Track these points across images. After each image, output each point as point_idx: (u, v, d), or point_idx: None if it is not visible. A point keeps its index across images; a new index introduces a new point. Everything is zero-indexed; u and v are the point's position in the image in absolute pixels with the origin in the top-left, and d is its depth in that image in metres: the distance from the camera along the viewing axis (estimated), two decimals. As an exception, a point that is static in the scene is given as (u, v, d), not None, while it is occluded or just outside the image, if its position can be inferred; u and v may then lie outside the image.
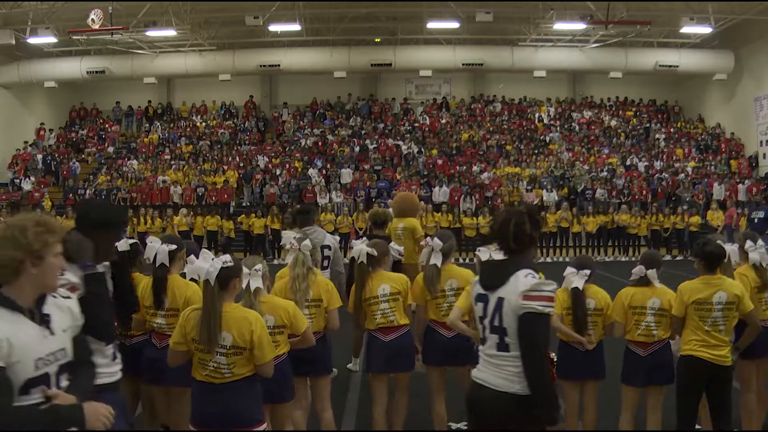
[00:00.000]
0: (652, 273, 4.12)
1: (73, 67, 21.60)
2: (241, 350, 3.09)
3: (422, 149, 22.00)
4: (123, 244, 3.96)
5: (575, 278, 4.23)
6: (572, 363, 4.27)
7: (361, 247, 4.32)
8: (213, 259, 3.13)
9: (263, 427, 3.19)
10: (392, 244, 4.97)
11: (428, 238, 4.45)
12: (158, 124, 24.08)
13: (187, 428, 3.21)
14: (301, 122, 24.17)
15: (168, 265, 3.82)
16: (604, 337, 4.38)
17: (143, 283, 3.96)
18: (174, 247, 3.85)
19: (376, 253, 4.31)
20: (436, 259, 4.29)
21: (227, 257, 3.15)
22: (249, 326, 3.09)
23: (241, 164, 21.17)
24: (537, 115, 24.43)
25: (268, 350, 3.14)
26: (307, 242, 4.06)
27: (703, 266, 3.82)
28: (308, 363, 4.04)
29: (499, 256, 3.97)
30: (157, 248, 3.82)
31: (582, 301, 4.21)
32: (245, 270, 3.54)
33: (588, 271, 4.24)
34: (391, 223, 6.38)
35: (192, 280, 3.75)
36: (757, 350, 4.14)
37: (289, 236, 4.21)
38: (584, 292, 4.22)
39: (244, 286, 3.52)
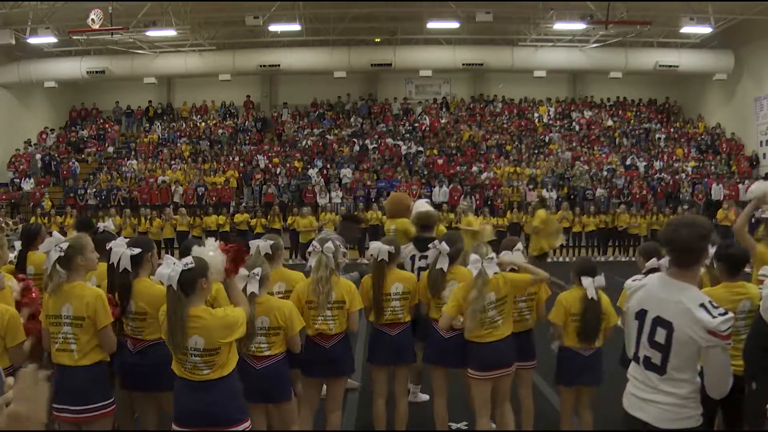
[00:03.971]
0: (664, 262, 4.12)
1: (73, 67, 21.58)
2: (216, 350, 3.08)
3: (422, 149, 22.01)
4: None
5: (590, 288, 4.17)
6: (573, 370, 4.27)
7: (380, 246, 4.34)
8: (174, 263, 3.09)
9: (244, 426, 3.17)
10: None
11: (436, 242, 4.46)
12: (158, 124, 24.07)
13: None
14: (301, 122, 24.17)
15: (130, 270, 3.71)
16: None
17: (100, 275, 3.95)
18: (138, 251, 3.74)
19: (394, 251, 4.36)
20: (443, 263, 4.30)
21: (188, 259, 3.10)
22: (220, 333, 3.08)
23: (241, 164, 21.17)
24: (537, 115, 24.43)
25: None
26: (329, 244, 4.07)
27: (725, 270, 3.63)
28: (327, 363, 4.08)
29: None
30: (120, 253, 3.71)
31: (597, 311, 4.18)
32: (243, 272, 3.52)
33: (602, 278, 4.21)
34: (385, 224, 6.45)
35: None
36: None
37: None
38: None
39: (241, 288, 3.51)
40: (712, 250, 3.69)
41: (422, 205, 5.67)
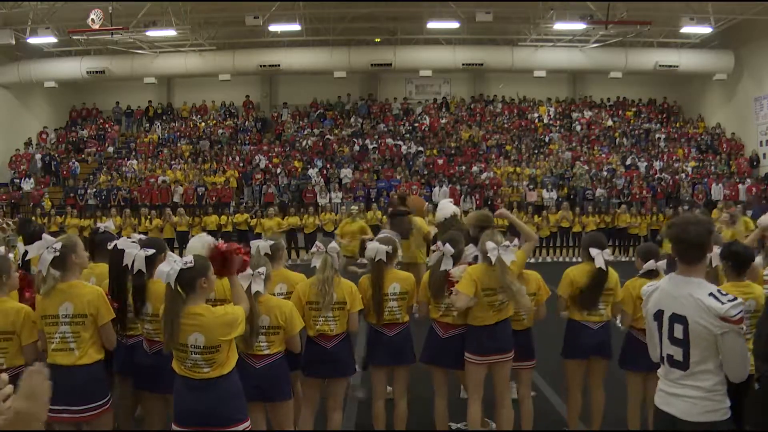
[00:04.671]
0: (661, 264, 4.19)
1: (73, 67, 21.57)
2: (216, 348, 3.08)
3: (422, 149, 22.00)
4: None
5: (598, 257, 4.29)
6: (581, 342, 4.34)
7: (377, 246, 4.33)
8: (175, 260, 3.09)
9: (244, 426, 3.17)
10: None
11: (439, 243, 4.46)
12: (158, 124, 24.07)
13: None
14: (301, 122, 24.17)
15: (145, 271, 3.71)
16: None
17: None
18: (152, 251, 3.74)
19: (392, 251, 4.36)
20: (446, 265, 4.30)
21: (189, 258, 3.10)
22: (220, 330, 3.08)
23: (241, 164, 21.16)
24: (537, 115, 24.42)
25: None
26: (333, 245, 4.08)
27: (730, 268, 3.65)
28: (328, 363, 4.09)
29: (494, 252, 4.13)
30: (134, 255, 3.71)
31: (603, 281, 4.31)
32: (248, 271, 3.52)
33: (609, 252, 4.38)
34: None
35: None
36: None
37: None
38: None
39: (245, 287, 3.51)
40: (717, 250, 3.72)
41: (447, 206, 5.71)
